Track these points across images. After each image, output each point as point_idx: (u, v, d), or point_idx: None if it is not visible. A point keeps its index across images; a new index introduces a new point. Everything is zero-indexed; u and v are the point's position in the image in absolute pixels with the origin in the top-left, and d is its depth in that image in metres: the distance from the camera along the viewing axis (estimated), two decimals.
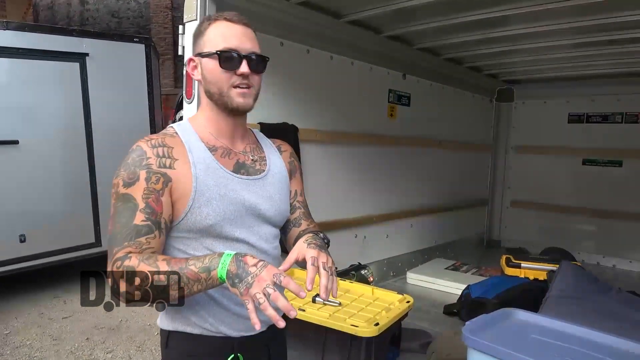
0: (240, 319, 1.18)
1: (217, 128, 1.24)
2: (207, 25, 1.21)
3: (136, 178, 1.10)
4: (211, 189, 1.15)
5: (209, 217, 1.14)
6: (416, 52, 3.64)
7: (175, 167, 1.13)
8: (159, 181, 1.11)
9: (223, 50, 1.16)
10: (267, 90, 2.70)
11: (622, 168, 4.44)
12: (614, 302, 2.57)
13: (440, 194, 4.34)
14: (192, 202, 1.13)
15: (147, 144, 1.14)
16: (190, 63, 1.24)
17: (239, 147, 1.27)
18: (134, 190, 1.09)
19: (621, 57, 3.55)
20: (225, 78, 1.17)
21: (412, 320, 2.65)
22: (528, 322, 1.73)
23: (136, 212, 1.08)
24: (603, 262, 4.52)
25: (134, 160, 1.11)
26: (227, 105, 1.19)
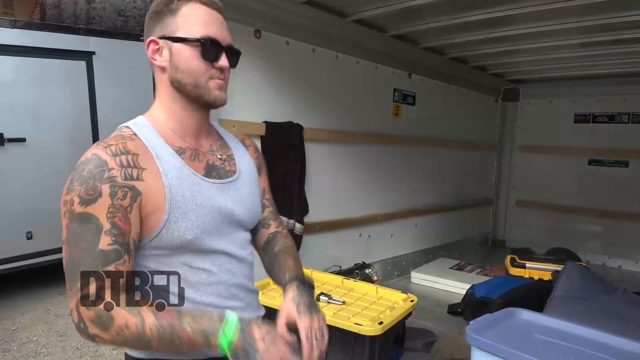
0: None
1: (182, 125, 1.08)
2: (178, 4, 1.04)
3: (97, 194, 0.92)
4: (187, 199, 1.01)
5: (187, 231, 1.00)
6: (421, 51, 3.63)
7: (144, 178, 0.97)
8: (126, 196, 0.94)
9: (205, 38, 1.02)
10: (273, 89, 2.73)
11: (629, 168, 4.41)
12: (619, 303, 2.56)
13: (445, 194, 4.34)
14: (167, 216, 0.98)
15: (105, 151, 0.95)
16: (151, 46, 1.05)
17: (205, 145, 1.13)
18: (95, 209, 0.91)
19: (627, 56, 3.53)
20: (203, 69, 1.03)
21: (416, 319, 2.65)
22: (532, 322, 1.73)
23: (100, 235, 0.91)
24: (609, 262, 4.50)
25: (92, 172, 0.92)
26: (201, 98, 1.06)
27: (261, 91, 2.66)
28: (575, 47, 3.43)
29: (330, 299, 2.20)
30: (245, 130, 2.53)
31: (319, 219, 3.02)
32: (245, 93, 2.55)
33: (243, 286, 1.15)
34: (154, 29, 1.05)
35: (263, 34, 2.59)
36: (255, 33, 2.56)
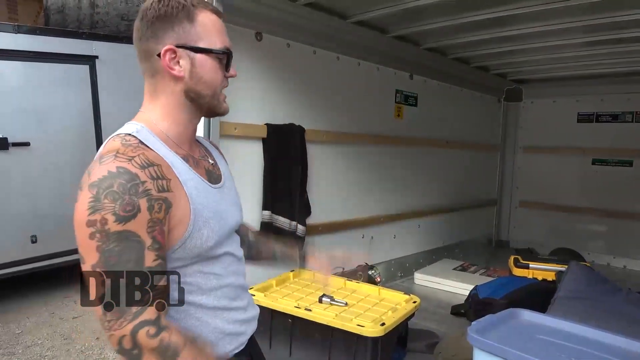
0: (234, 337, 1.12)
1: (181, 133, 1.06)
2: (193, 11, 1.00)
3: (136, 209, 0.87)
4: (206, 207, 1.01)
5: (209, 239, 1.00)
6: (423, 52, 3.63)
7: (172, 189, 0.94)
8: (161, 209, 0.91)
9: (226, 50, 1.04)
10: (274, 91, 2.73)
11: (633, 168, 4.39)
12: (624, 303, 2.55)
13: (448, 194, 4.33)
14: (192, 226, 0.97)
15: (131, 164, 0.90)
16: (168, 54, 0.99)
17: (195, 152, 1.11)
18: (135, 225, 0.87)
19: (631, 55, 3.51)
20: (220, 80, 1.06)
21: (419, 320, 2.64)
22: (535, 323, 1.72)
23: (144, 252, 0.88)
24: (614, 262, 4.47)
25: (125, 186, 0.87)
26: (214, 109, 1.08)
27: (262, 93, 2.66)
28: (578, 46, 3.42)
29: (333, 301, 2.20)
30: (247, 133, 2.54)
31: (321, 221, 3.02)
32: (247, 95, 2.56)
33: (244, 286, 1.19)
34: (165, 36, 0.99)
35: (264, 36, 2.60)
36: (256, 36, 2.57)
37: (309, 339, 2.10)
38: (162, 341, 0.88)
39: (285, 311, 2.13)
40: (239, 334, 1.13)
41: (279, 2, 2.59)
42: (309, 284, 2.46)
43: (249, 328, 1.18)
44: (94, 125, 4.65)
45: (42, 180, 4.36)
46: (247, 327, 1.17)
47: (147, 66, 1.04)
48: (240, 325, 1.13)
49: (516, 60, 4.01)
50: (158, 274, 0.90)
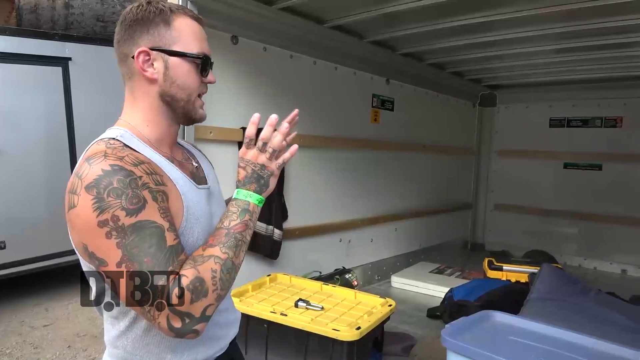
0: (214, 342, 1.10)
1: (162, 136, 1.06)
2: (171, 16, 1.02)
3: (143, 200, 0.88)
4: (195, 205, 1.02)
5: (200, 237, 1.01)
6: (399, 57, 3.67)
7: (166, 184, 0.96)
8: (165, 199, 0.93)
9: (203, 54, 1.04)
10: (250, 95, 2.72)
11: (602, 172, 4.51)
12: (593, 304, 2.61)
13: (424, 198, 4.37)
14: (185, 222, 0.98)
15: (123, 162, 0.90)
16: (142, 56, 1.01)
17: (179, 155, 1.12)
18: (147, 215, 0.88)
19: (601, 62, 3.62)
20: (196, 85, 1.05)
21: (396, 323, 2.66)
22: (507, 324, 1.75)
23: (165, 234, 0.89)
24: (585, 264, 4.59)
25: (124, 182, 0.87)
26: (188, 114, 1.07)
27: (239, 97, 2.65)
28: (550, 53, 3.50)
29: (309, 305, 2.20)
30: (222, 137, 2.52)
31: (298, 225, 3.01)
32: (223, 99, 2.54)
33: None
34: (140, 38, 1.01)
35: (240, 40, 2.59)
36: (232, 39, 2.55)
37: (285, 343, 2.09)
38: (189, 285, 0.88)
39: (260, 316, 2.11)
40: (219, 338, 1.12)
41: (255, 6, 2.58)
42: (285, 289, 2.45)
43: (230, 332, 1.16)
44: (67, 128, 4.55)
45: (12, 185, 4.23)
46: (227, 331, 1.15)
47: (124, 69, 1.06)
48: (221, 329, 1.12)
49: (490, 66, 4.09)
50: (180, 249, 0.92)
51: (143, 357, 1.01)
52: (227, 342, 1.15)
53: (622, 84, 4.21)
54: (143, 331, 1.00)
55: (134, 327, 1.00)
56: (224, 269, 0.93)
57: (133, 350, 1.01)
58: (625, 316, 2.41)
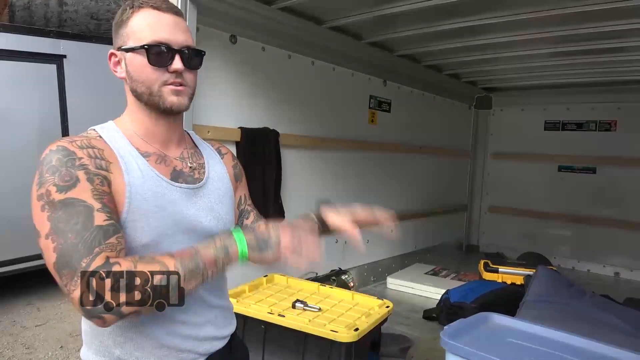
0: (172, 352, 1.04)
1: (148, 132, 1.07)
2: (129, 14, 1.03)
3: (74, 179, 0.90)
4: (148, 200, 0.98)
5: (144, 233, 0.97)
6: (397, 59, 3.67)
7: (111, 171, 0.96)
8: (103, 183, 0.93)
9: (151, 43, 1.00)
10: (248, 94, 2.71)
11: (596, 175, 4.55)
12: (588, 306, 2.63)
13: (420, 200, 4.38)
14: (126, 215, 0.95)
15: (71, 144, 0.94)
16: (112, 58, 1.06)
17: (174, 152, 1.11)
18: (77, 193, 0.89)
19: (595, 66, 3.65)
20: (155, 76, 1.01)
21: (392, 325, 2.66)
22: (505, 326, 1.75)
23: (93, 213, 0.89)
24: (578, 266, 4.62)
25: (61, 160, 0.91)
26: (158, 106, 1.03)
27: (237, 97, 2.64)
28: (546, 56, 3.52)
29: (306, 306, 2.19)
30: (220, 136, 2.51)
31: None
32: (221, 99, 2.53)
33: (201, 300, 1.09)
34: (115, 41, 1.06)
35: (239, 39, 2.58)
36: (230, 38, 2.54)
37: (282, 345, 2.08)
38: (115, 274, 0.86)
39: (258, 317, 2.10)
40: (182, 351, 1.04)
41: (254, 6, 2.57)
42: (282, 290, 2.44)
43: (198, 347, 1.08)
44: (61, 126, 4.50)
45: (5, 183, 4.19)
46: (195, 346, 1.07)
47: None
48: (185, 341, 1.05)
49: (486, 69, 4.11)
50: (110, 232, 0.90)
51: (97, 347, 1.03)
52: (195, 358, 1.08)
53: (617, 88, 4.25)
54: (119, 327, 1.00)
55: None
56: (164, 280, 0.89)
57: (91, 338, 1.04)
58: (620, 319, 2.42)
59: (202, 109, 2.37)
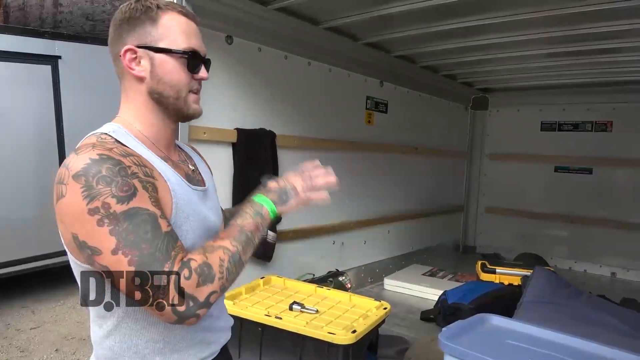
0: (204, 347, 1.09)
1: (157, 135, 1.06)
2: (158, 13, 1.02)
3: (133, 188, 0.88)
4: (186, 204, 1.01)
5: (187, 236, 0.99)
6: (393, 60, 3.67)
7: (156, 178, 0.95)
8: (155, 190, 0.93)
9: (190, 50, 1.03)
10: (245, 95, 2.70)
11: (592, 175, 4.55)
12: (585, 307, 2.63)
13: (417, 200, 4.38)
14: (174, 219, 0.97)
15: (111, 153, 0.90)
16: (128, 54, 1.01)
17: (175, 156, 1.12)
18: (139, 202, 0.87)
19: (591, 67, 3.66)
20: (186, 81, 1.04)
21: (389, 326, 2.65)
22: (503, 328, 1.75)
23: (158, 221, 0.89)
24: (575, 267, 4.62)
25: (112, 170, 0.87)
26: (181, 111, 1.05)
27: (233, 97, 2.63)
28: (542, 57, 3.53)
29: (303, 308, 2.18)
30: (216, 137, 2.50)
31: (292, 227, 2.99)
32: (217, 99, 2.51)
33: None
34: (128, 37, 1.02)
35: (235, 40, 2.56)
36: (227, 39, 2.53)
37: (280, 347, 2.06)
38: (197, 269, 0.89)
39: (254, 319, 2.09)
40: (210, 343, 1.11)
41: (250, 6, 2.56)
42: (279, 291, 2.43)
43: (220, 337, 1.16)
44: (56, 127, 4.49)
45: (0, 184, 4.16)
46: (218, 337, 1.15)
47: (116, 68, 1.06)
48: (212, 334, 1.12)
49: (483, 70, 4.11)
50: (176, 237, 0.93)
51: (130, 358, 0.99)
52: (218, 348, 1.14)
53: (612, 89, 4.26)
54: (130, 331, 0.99)
55: (121, 327, 0.99)
56: (232, 260, 0.96)
57: (120, 351, 0.99)
58: (617, 319, 2.42)
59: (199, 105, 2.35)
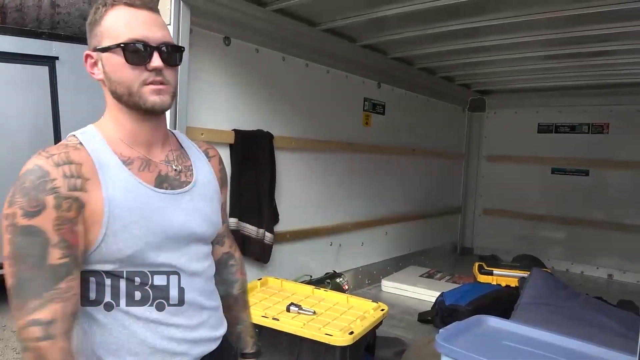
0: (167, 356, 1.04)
1: (131, 134, 1.03)
2: (103, 12, 0.99)
3: (42, 206, 0.88)
4: (131, 211, 0.96)
5: (127, 245, 0.95)
6: (391, 61, 3.68)
7: (88, 189, 0.93)
8: (71, 208, 0.90)
9: (128, 41, 0.97)
10: (242, 97, 2.70)
11: (589, 177, 4.57)
12: (582, 308, 2.63)
13: (414, 202, 4.38)
14: (105, 230, 0.94)
15: (47, 161, 0.91)
16: (88, 60, 1.02)
17: (158, 156, 1.07)
18: (40, 222, 0.88)
19: (588, 69, 3.67)
20: (134, 75, 0.98)
21: (387, 328, 2.65)
22: (500, 329, 1.75)
23: (48, 249, 0.88)
24: (572, 268, 4.63)
25: (34, 183, 0.89)
26: (139, 107, 1.00)
27: (230, 99, 2.63)
28: (539, 59, 3.54)
29: (301, 310, 2.18)
30: (214, 138, 2.49)
31: (289, 228, 2.99)
32: (214, 100, 2.52)
33: (194, 303, 1.08)
34: (89, 42, 1.02)
35: (233, 41, 2.57)
36: (224, 40, 2.53)
37: (277, 348, 2.06)
38: (39, 350, 0.87)
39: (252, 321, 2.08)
40: (175, 354, 1.04)
41: (248, 7, 2.56)
42: (276, 293, 2.43)
43: (194, 349, 1.08)
44: (53, 129, 4.47)
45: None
46: (189, 348, 1.07)
47: None
48: (179, 345, 1.05)
49: (480, 72, 4.12)
50: (62, 274, 0.89)
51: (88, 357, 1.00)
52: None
53: (608, 91, 4.28)
54: (88, 329, 1.00)
55: (81, 325, 0.99)
56: None
57: (80, 349, 0.99)
58: (614, 321, 2.43)
59: (195, 111, 2.35)
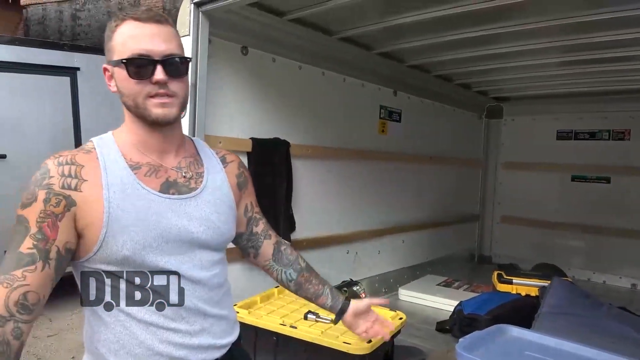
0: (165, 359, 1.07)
1: (143, 142, 1.09)
2: (113, 27, 1.05)
3: (33, 199, 0.97)
4: (129, 213, 1.01)
5: (125, 246, 0.99)
6: (407, 69, 3.67)
7: (82, 190, 0.99)
8: (59, 204, 0.97)
9: (130, 56, 1.01)
10: (260, 105, 2.73)
11: (610, 184, 4.48)
12: (605, 318, 2.57)
13: (431, 210, 4.35)
14: (106, 230, 0.99)
15: (54, 161, 1.00)
16: (105, 73, 1.10)
17: (171, 162, 1.12)
18: (28, 212, 0.96)
19: (606, 75, 3.61)
20: (138, 89, 1.03)
21: (405, 337, 2.62)
22: (522, 339, 1.72)
23: (25, 238, 0.95)
24: (593, 278, 4.53)
25: (36, 179, 0.98)
26: (144, 118, 1.05)
27: (248, 107, 2.65)
28: (556, 65, 3.50)
29: (318, 317, 2.17)
30: (231, 147, 2.51)
31: (305, 236, 2.99)
32: (232, 109, 2.54)
33: (195, 309, 1.09)
34: (106, 56, 1.09)
35: (250, 50, 2.60)
36: (242, 50, 2.56)
37: (294, 356, 2.06)
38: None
39: (269, 328, 2.09)
40: (173, 358, 1.06)
41: (265, 17, 2.59)
42: (293, 300, 2.43)
43: (192, 355, 1.09)
44: (74, 138, 4.57)
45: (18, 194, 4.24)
46: (188, 354, 1.08)
47: None
48: (178, 349, 1.07)
49: (497, 79, 4.09)
50: (23, 262, 0.94)
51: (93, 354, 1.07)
52: None
53: (628, 97, 4.20)
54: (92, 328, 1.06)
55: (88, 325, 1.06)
56: None
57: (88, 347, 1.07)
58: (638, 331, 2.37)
59: (213, 119, 2.38)
